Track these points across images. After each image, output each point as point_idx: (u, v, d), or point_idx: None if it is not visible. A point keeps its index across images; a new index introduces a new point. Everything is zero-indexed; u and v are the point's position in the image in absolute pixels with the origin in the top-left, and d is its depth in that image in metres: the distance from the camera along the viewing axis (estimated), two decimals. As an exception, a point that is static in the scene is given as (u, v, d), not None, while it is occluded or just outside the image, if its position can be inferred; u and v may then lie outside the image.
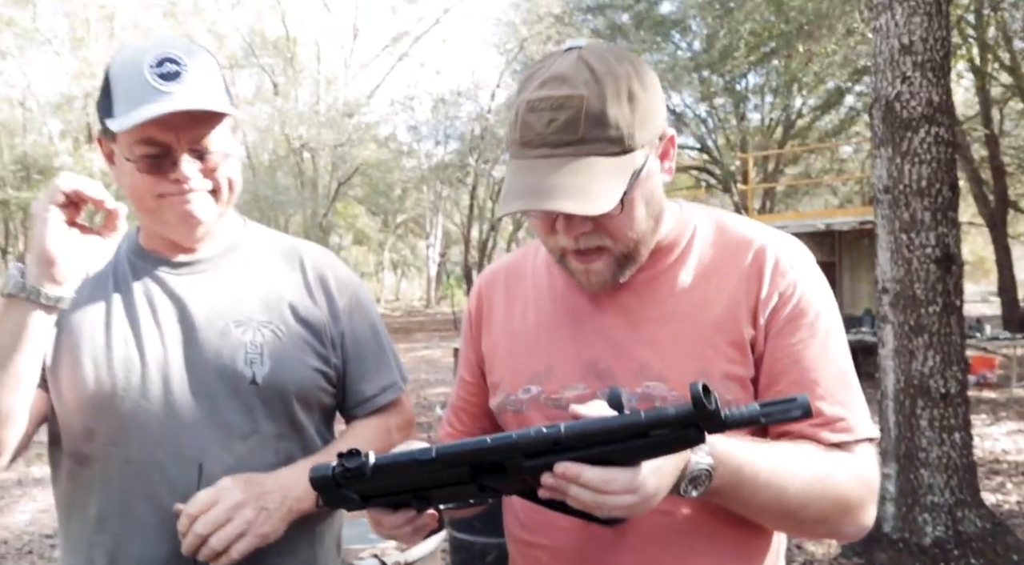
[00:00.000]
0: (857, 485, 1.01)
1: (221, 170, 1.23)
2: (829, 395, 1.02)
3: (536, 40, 19.36)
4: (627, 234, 1.02)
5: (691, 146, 21.24)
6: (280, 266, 1.36)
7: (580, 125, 0.95)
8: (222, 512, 1.12)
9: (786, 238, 1.11)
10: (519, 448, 0.85)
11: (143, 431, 1.20)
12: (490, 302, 1.23)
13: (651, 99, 1.00)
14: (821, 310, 1.06)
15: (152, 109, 1.13)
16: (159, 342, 1.23)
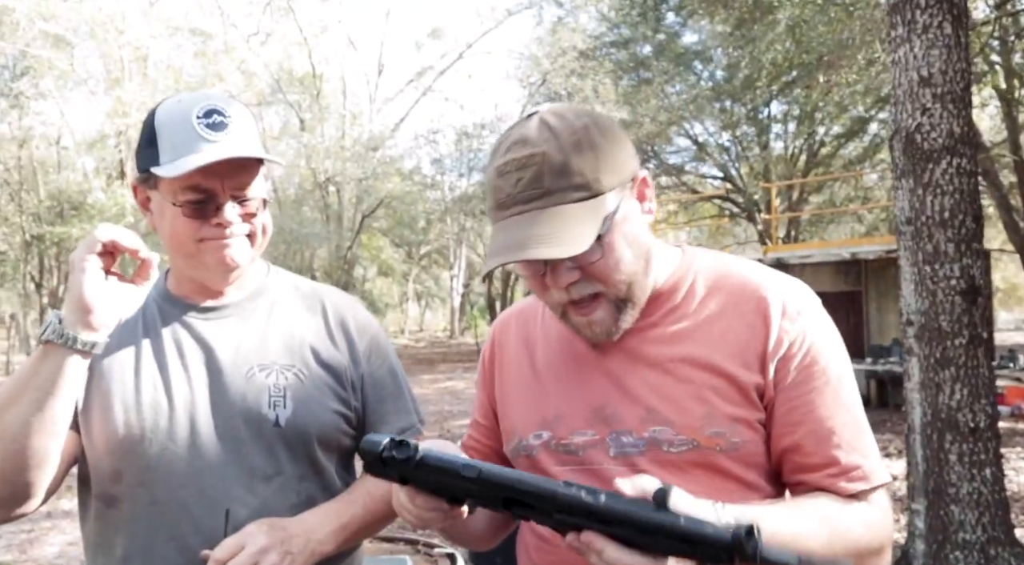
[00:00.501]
0: (873, 536, 1.02)
1: (259, 216, 1.30)
2: (845, 443, 1.03)
3: (559, 73, 19.56)
4: (616, 277, 1.03)
5: (714, 176, 21.25)
6: (302, 310, 1.40)
7: (544, 178, 0.99)
8: (248, 558, 1.14)
9: (792, 283, 1.11)
10: (556, 501, 0.86)
11: (169, 473, 1.23)
12: (502, 348, 1.26)
13: (613, 145, 1.03)
14: (832, 356, 1.07)
15: (204, 156, 1.19)
16: (186, 385, 1.27)
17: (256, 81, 22.31)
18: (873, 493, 1.04)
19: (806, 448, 1.03)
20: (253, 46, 22.77)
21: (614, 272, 1.03)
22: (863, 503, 1.03)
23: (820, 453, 1.03)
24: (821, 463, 1.03)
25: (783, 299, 1.07)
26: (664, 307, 1.10)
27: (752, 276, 1.11)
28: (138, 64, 18.99)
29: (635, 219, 1.06)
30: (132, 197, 1.38)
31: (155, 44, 19.24)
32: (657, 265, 1.11)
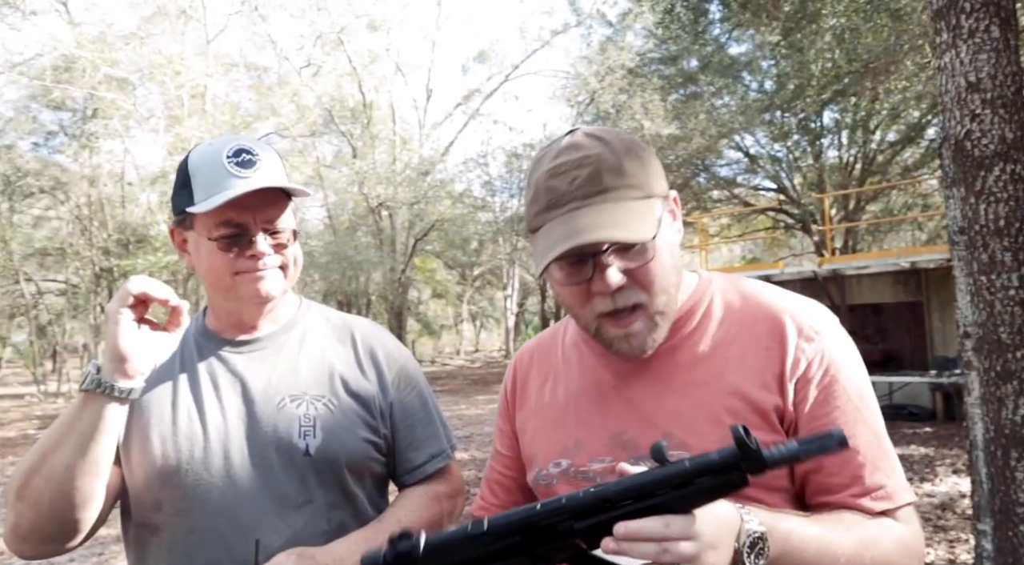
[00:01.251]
0: (903, 551, 1.00)
1: (289, 247, 1.36)
2: (869, 463, 1.02)
3: (608, 91, 19.57)
4: (659, 284, 1.04)
5: (766, 188, 20.89)
6: (333, 341, 1.44)
7: (602, 177, 1.01)
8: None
9: (809, 303, 1.11)
10: (568, 510, 0.85)
11: (205, 502, 1.28)
12: (524, 379, 1.27)
13: (653, 159, 1.08)
14: (853, 375, 1.06)
15: (235, 191, 1.26)
16: (220, 417, 1.32)
17: (309, 112, 22.93)
18: (899, 511, 1.02)
19: (829, 469, 1.02)
20: (305, 78, 23.43)
21: (659, 279, 1.04)
22: (889, 520, 1.01)
23: (843, 473, 1.02)
24: (844, 483, 1.02)
25: (799, 320, 1.07)
26: (683, 331, 1.11)
27: (768, 298, 1.11)
28: (196, 101, 19.75)
29: (674, 233, 1.09)
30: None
31: (211, 82, 19.98)
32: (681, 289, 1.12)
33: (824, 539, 0.94)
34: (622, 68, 18.85)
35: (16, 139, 20.78)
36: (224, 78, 21.45)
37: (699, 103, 17.14)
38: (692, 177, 19.21)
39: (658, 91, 18.01)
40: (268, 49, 23.72)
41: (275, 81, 23.36)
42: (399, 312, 25.47)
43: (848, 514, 1.00)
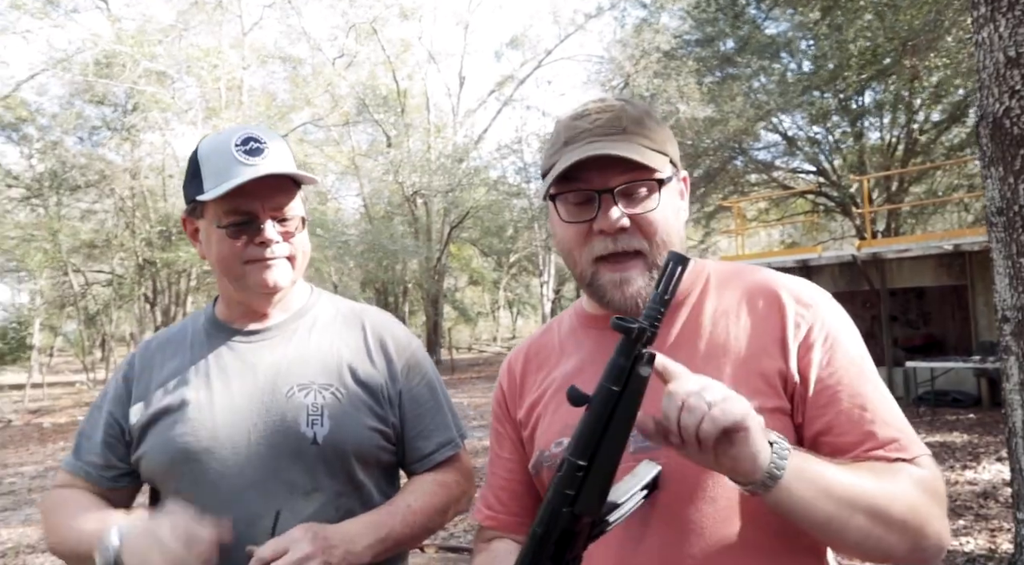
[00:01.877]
0: (926, 492, 0.98)
1: (297, 236, 1.38)
2: (879, 419, 1.02)
3: (643, 75, 19.36)
4: (660, 236, 1.07)
5: (805, 170, 20.48)
6: (342, 330, 1.45)
7: (623, 121, 1.07)
8: (290, 562, 1.19)
9: (803, 281, 1.14)
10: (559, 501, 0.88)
11: (216, 489, 1.31)
12: (522, 376, 1.26)
13: (669, 133, 1.12)
14: (853, 338, 1.08)
15: (242, 177, 1.28)
16: (230, 406, 1.34)
17: (343, 102, 23.10)
18: (918, 459, 1.01)
19: (839, 428, 1.01)
20: (339, 69, 23.60)
21: (660, 229, 1.07)
22: (907, 464, 1.00)
23: (854, 431, 1.01)
24: (856, 440, 1.01)
25: (795, 291, 1.10)
26: (682, 309, 1.12)
27: (762, 275, 1.14)
28: (233, 93, 20.02)
29: (681, 203, 1.14)
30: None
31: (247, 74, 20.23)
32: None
33: (846, 470, 0.94)
34: (657, 51, 18.61)
35: (62, 134, 21.31)
36: (260, 70, 21.72)
37: (736, 85, 16.83)
38: (729, 161, 18.91)
39: (694, 74, 17.74)
40: (302, 41, 23.95)
41: (309, 72, 23.58)
42: (435, 299, 25.64)
43: (865, 463, 0.99)
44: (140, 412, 1.37)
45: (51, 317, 26.46)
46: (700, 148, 17.77)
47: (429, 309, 25.69)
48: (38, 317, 25.20)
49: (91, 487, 1.43)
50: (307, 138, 23.74)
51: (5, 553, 6.24)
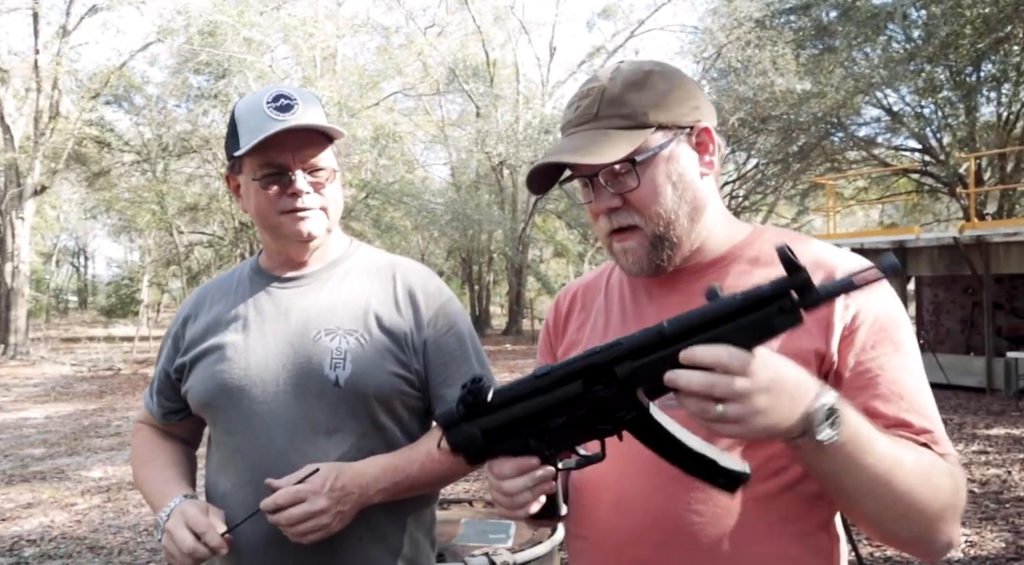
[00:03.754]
0: (953, 490, 0.97)
1: (329, 188, 1.45)
2: (915, 409, 1.01)
3: (735, 46, 18.74)
4: (652, 209, 1.08)
5: (909, 147, 19.43)
6: (373, 280, 1.51)
7: (597, 106, 1.08)
8: (302, 513, 1.28)
9: (857, 259, 1.10)
10: (625, 348, 0.87)
11: (247, 425, 1.41)
12: (568, 313, 1.30)
13: (672, 90, 1.09)
14: (901, 326, 1.05)
15: (271, 130, 1.36)
16: (263, 348, 1.44)
17: (433, 72, 23.32)
18: (947, 457, 1.00)
19: (874, 411, 1.00)
20: (430, 38, 23.81)
21: (651, 204, 1.08)
22: (940, 458, 0.99)
23: (889, 416, 1.00)
24: (889, 424, 0.99)
25: (850, 270, 1.04)
26: (731, 268, 1.12)
27: (819, 250, 1.10)
28: (327, 62, 20.52)
29: (686, 163, 1.10)
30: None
31: (341, 44, 20.64)
32: (714, 222, 1.14)
33: (892, 444, 0.93)
34: (750, 20, 17.92)
35: (168, 102, 22.41)
36: (353, 39, 22.12)
37: (835, 57, 16.04)
38: (825, 136, 18.13)
39: (789, 44, 17.02)
40: (395, 10, 24.26)
41: (402, 41, 23.89)
42: (519, 270, 25.81)
43: (904, 439, 0.97)
44: (188, 353, 1.50)
45: (158, 275, 28.10)
46: (795, 122, 17.10)
47: (512, 279, 25.90)
48: (146, 275, 26.82)
49: (156, 423, 1.61)
50: (397, 107, 24.10)
51: (110, 488, 6.77)
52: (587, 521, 1.14)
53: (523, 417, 0.95)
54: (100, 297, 39.81)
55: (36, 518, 5.90)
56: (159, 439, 1.61)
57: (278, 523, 1.29)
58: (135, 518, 5.89)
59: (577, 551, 1.17)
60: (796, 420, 0.84)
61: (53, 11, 20.85)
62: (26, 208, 20.02)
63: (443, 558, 2.08)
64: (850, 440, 0.88)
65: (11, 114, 19.69)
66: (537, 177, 1.13)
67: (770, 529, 1.03)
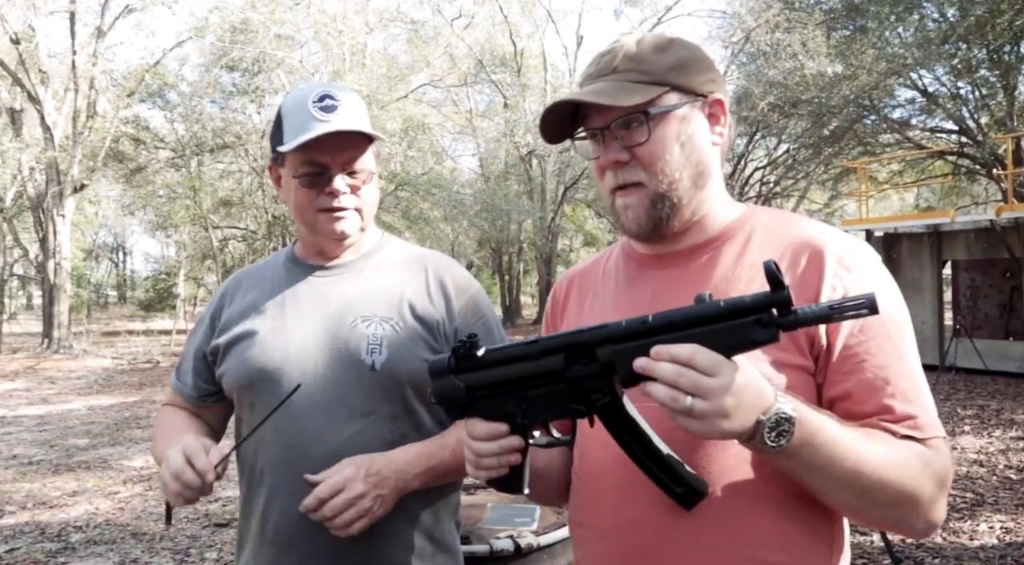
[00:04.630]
0: (931, 476, 0.99)
1: (365, 189, 1.51)
2: (900, 394, 1.01)
3: (764, 29, 18.46)
4: (658, 165, 1.09)
5: (946, 129, 19.00)
6: (405, 271, 1.58)
7: (616, 61, 1.11)
8: (344, 502, 1.34)
9: (853, 239, 1.11)
10: (609, 331, 0.92)
11: (287, 408, 1.45)
12: (566, 299, 1.33)
13: (691, 58, 1.12)
14: (891, 309, 1.04)
15: (314, 132, 1.42)
16: (301, 333, 1.51)
17: (460, 63, 23.34)
18: (931, 441, 1.00)
19: (857, 396, 1.01)
20: (457, 30, 23.82)
21: (658, 160, 1.09)
22: (918, 444, 0.99)
23: (872, 402, 1.01)
24: (872, 411, 1.01)
25: (840, 251, 1.07)
26: (723, 250, 1.13)
27: (812, 230, 1.11)
28: (357, 56, 20.64)
29: (698, 129, 1.12)
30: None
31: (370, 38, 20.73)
32: (715, 197, 1.16)
33: (855, 443, 0.94)
34: (779, 2, 17.64)
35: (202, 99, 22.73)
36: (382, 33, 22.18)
37: (866, 38, 15.71)
38: (858, 119, 17.79)
39: (820, 26, 16.71)
40: (424, 3, 24.29)
41: (430, 34, 23.93)
42: (548, 260, 25.78)
43: (879, 431, 0.99)
44: (224, 335, 1.56)
45: (194, 269, 28.60)
46: (826, 106, 16.81)
47: (542, 269, 25.88)
48: (183, 269, 27.31)
49: (186, 405, 1.67)
50: (425, 99, 24.18)
51: (150, 477, 6.97)
52: (590, 509, 1.16)
53: (507, 379, 1.00)
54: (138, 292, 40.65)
55: (81, 506, 6.10)
56: (187, 416, 1.65)
57: (323, 519, 1.35)
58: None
59: (581, 538, 1.19)
60: (750, 426, 0.88)
61: (89, 13, 21.23)
62: (66, 206, 20.50)
63: (469, 541, 2.14)
64: (804, 444, 0.91)
65: (51, 114, 20.12)
66: (550, 122, 1.14)
67: (770, 514, 1.03)
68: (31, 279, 26.96)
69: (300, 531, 1.43)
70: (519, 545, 2.05)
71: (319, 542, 1.42)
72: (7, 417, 10.57)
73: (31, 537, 5.33)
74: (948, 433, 7.35)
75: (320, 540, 1.41)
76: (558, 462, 1.25)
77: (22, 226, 24.91)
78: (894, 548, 4.26)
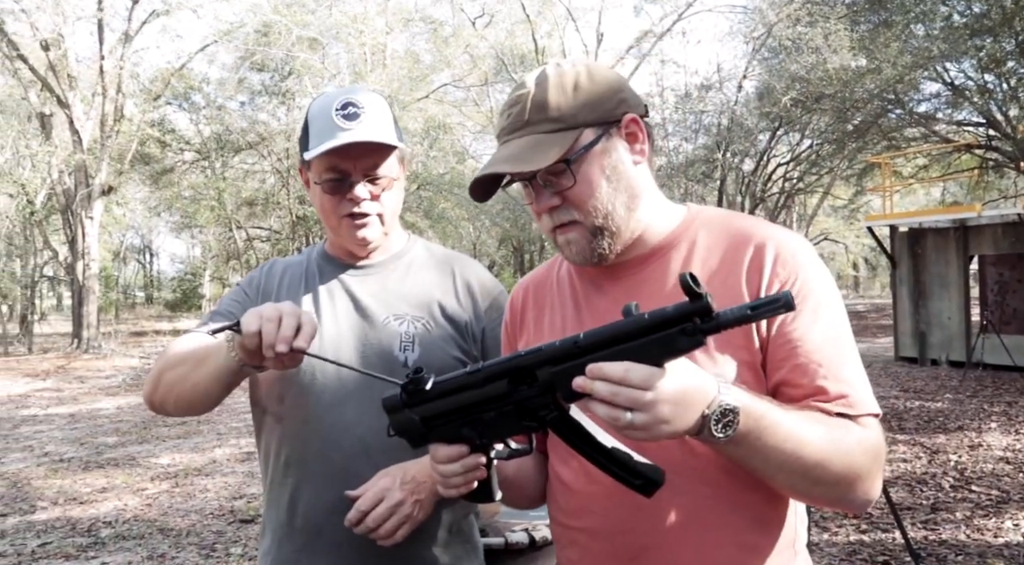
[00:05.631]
0: (865, 452, 1.04)
1: (387, 195, 1.54)
2: (832, 375, 1.06)
3: (786, 24, 18.31)
4: (590, 203, 1.13)
5: (973, 122, 18.70)
6: (433, 272, 1.63)
7: (526, 113, 1.13)
8: (385, 510, 1.38)
9: (789, 233, 1.17)
10: (545, 354, 0.95)
11: (319, 398, 1.50)
12: (522, 312, 1.36)
13: (600, 87, 1.14)
14: (821, 296, 1.10)
15: (335, 141, 1.46)
16: (335, 328, 1.54)
17: (481, 63, 23.39)
18: (862, 419, 1.06)
19: (792, 381, 1.07)
20: (478, 29, 23.87)
21: (588, 199, 1.13)
22: (851, 422, 1.05)
23: (805, 384, 1.07)
24: (807, 393, 1.06)
25: (778, 246, 1.12)
26: (668, 257, 1.18)
27: (752, 228, 1.16)
28: (378, 56, 20.78)
29: (618, 156, 1.15)
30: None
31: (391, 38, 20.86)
32: (652, 211, 1.19)
33: (795, 425, 0.99)
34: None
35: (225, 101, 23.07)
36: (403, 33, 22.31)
37: (891, 31, 15.51)
38: (882, 114, 17.56)
39: (843, 20, 16.53)
40: (444, 2, 24.38)
41: (450, 33, 24.02)
42: (568, 258, 25.72)
43: (816, 412, 1.05)
44: None
45: (218, 270, 28.98)
46: (850, 101, 16.63)
47: (563, 268, 25.77)
48: (208, 270, 27.67)
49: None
50: (446, 99, 24.26)
51: (176, 474, 7.10)
52: (580, 511, 1.19)
53: (457, 408, 1.04)
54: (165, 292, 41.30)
55: (111, 502, 6.24)
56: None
57: (367, 530, 1.39)
58: (201, 502, 6.17)
59: (570, 540, 1.23)
60: (694, 422, 0.92)
61: (116, 19, 21.60)
62: (95, 208, 20.87)
63: (485, 533, 2.17)
64: (751, 431, 0.95)
65: (79, 118, 20.50)
66: (479, 186, 1.18)
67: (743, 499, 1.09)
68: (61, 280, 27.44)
69: (330, 519, 1.46)
70: (533, 538, 2.07)
71: (349, 532, 1.45)
72: (39, 415, 10.81)
73: (62, 532, 5.46)
74: (974, 430, 7.31)
75: (350, 530, 1.44)
76: (530, 468, 1.28)
77: (52, 228, 25.37)
78: (915, 546, 4.24)
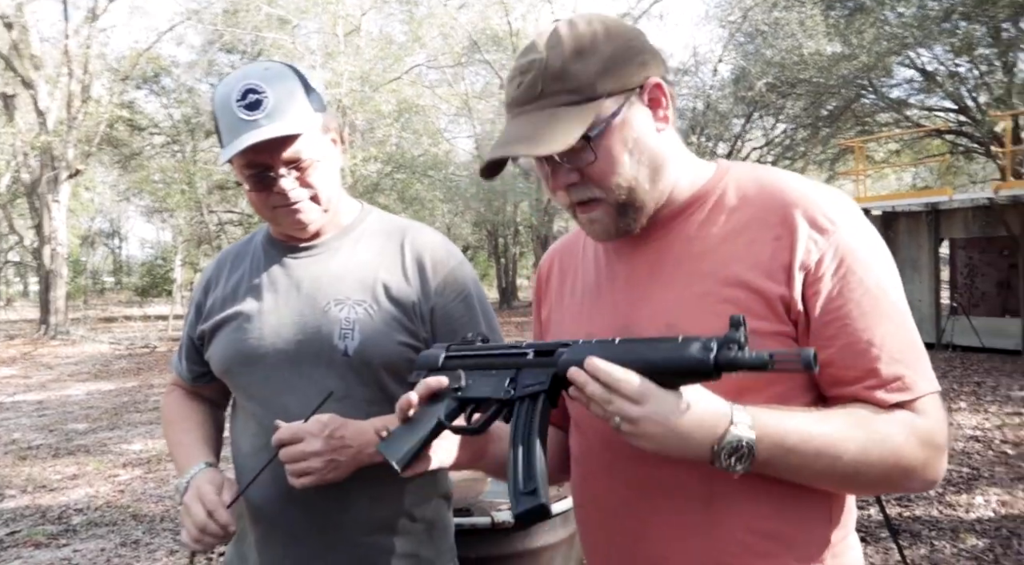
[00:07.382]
0: (919, 444, 0.97)
1: (315, 176, 1.43)
2: (886, 355, 0.98)
3: (762, 8, 18.34)
4: (612, 180, 1.04)
5: (944, 108, 18.93)
6: (383, 248, 1.52)
7: (539, 82, 1.02)
8: (296, 451, 1.31)
9: (830, 193, 1.06)
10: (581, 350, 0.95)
11: (263, 390, 1.46)
12: (548, 278, 1.31)
13: (619, 51, 1.03)
14: (873, 267, 1.01)
15: (240, 143, 1.34)
16: (276, 318, 1.48)
17: (454, 44, 23.15)
18: (918, 402, 0.98)
19: (841, 362, 0.99)
20: (451, 10, 23.61)
21: (610, 175, 1.04)
22: (904, 412, 0.98)
23: (857, 366, 0.98)
24: (858, 376, 0.99)
25: (813, 210, 1.02)
26: (693, 218, 1.10)
27: (785, 186, 1.06)
28: (351, 37, 20.47)
29: (640, 125, 1.05)
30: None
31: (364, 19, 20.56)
32: (677, 175, 1.11)
33: (827, 439, 0.94)
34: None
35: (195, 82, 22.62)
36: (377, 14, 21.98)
37: (866, 17, 15.61)
38: (856, 99, 17.71)
39: (818, 5, 16.59)
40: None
41: (424, 14, 23.73)
42: (545, 241, 25.75)
43: (860, 409, 0.98)
44: (208, 321, 1.55)
45: (190, 254, 28.52)
46: (824, 86, 16.74)
47: (539, 251, 25.83)
48: (179, 254, 27.26)
49: (186, 385, 1.68)
50: (421, 80, 24.00)
51: (150, 460, 7.00)
52: (584, 491, 1.17)
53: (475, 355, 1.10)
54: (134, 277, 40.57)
55: (82, 489, 6.12)
56: (188, 400, 1.67)
57: (282, 461, 1.33)
58: (174, 488, 6.08)
59: (581, 519, 1.21)
60: (703, 454, 0.90)
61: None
62: (61, 191, 20.40)
63: (470, 513, 2.14)
64: (772, 457, 0.92)
65: (44, 99, 19.98)
66: (490, 165, 1.09)
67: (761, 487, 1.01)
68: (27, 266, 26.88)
69: (284, 513, 1.43)
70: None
71: (303, 522, 1.43)
72: (5, 403, 10.58)
73: (32, 520, 5.34)
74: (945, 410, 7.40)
75: (305, 520, 1.42)
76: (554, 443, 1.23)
77: (17, 212, 24.79)
78: (892, 520, 4.29)
